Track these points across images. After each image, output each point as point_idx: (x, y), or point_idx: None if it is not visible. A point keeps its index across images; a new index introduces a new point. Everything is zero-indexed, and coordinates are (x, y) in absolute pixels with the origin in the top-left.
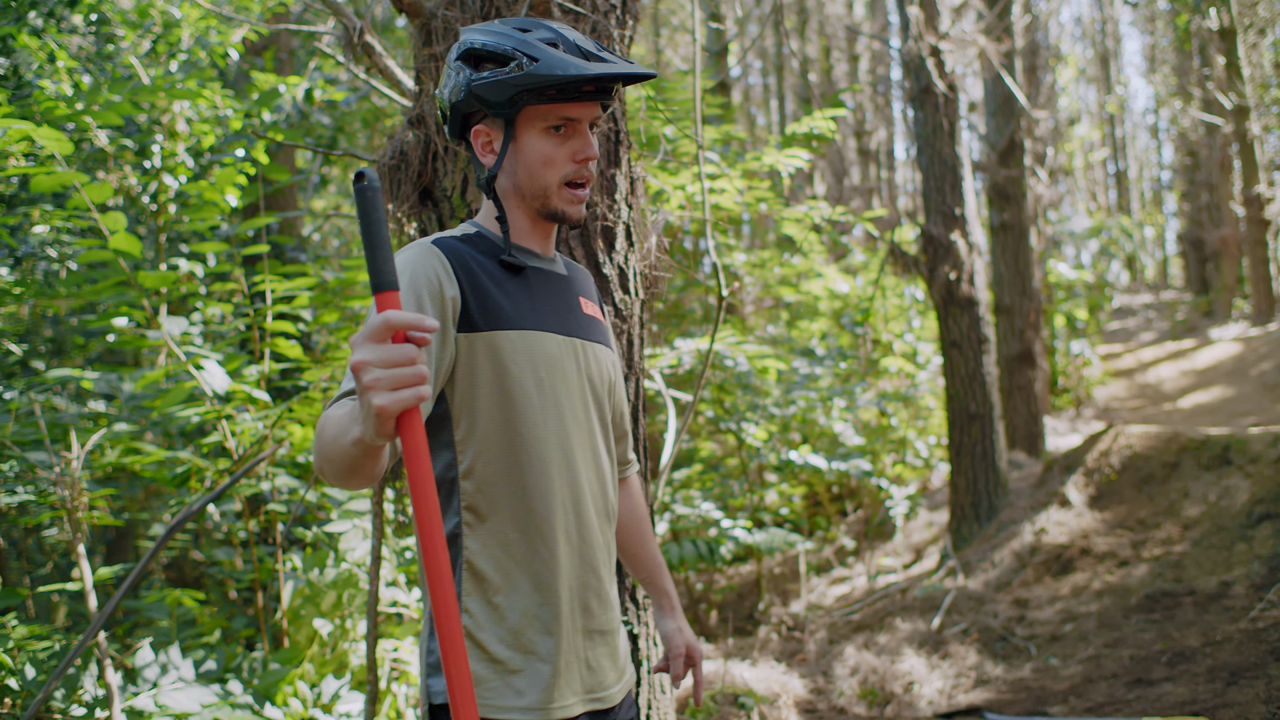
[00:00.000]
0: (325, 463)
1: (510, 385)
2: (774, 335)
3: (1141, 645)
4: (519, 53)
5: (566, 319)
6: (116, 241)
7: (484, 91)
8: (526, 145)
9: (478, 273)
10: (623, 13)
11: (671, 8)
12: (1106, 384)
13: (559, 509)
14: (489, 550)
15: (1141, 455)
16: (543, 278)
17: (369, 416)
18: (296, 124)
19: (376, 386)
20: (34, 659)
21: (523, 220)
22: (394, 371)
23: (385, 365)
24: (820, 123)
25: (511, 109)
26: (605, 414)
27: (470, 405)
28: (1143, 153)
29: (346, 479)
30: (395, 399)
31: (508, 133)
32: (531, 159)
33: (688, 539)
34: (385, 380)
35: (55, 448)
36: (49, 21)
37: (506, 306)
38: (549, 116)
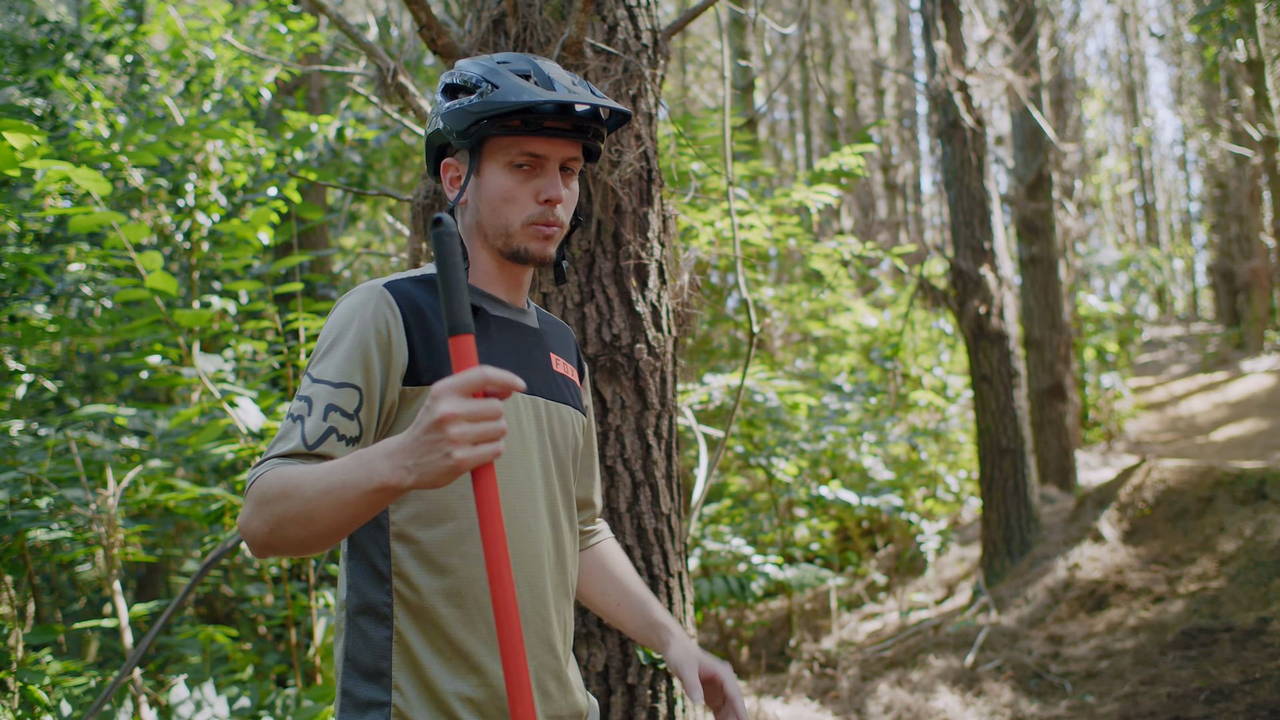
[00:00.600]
0: (306, 520)
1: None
2: (802, 370)
3: (1179, 683)
4: (485, 80)
5: (529, 374)
6: (153, 280)
7: (448, 120)
8: (488, 179)
9: (429, 319)
10: (654, 52)
11: (697, 44)
12: (1138, 417)
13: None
14: (420, 625)
15: (1175, 490)
16: (507, 328)
17: (438, 469)
18: (328, 162)
19: (461, 441)
20: (70, 695)
21: (488, 262)
22: (481, 426)
23: (473, 419)
24: (849, 159)
25: (471, 138)
26: (568, 481)
27: None
28: (1171, 184)
29: (324, 538)
30: (477, 453)
31: (472, 164)
32: (492, 194)
33: (718, 574)
34: (471, 435)
35: (91, 484)
36: (85, 63)
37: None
38: (512, 151)
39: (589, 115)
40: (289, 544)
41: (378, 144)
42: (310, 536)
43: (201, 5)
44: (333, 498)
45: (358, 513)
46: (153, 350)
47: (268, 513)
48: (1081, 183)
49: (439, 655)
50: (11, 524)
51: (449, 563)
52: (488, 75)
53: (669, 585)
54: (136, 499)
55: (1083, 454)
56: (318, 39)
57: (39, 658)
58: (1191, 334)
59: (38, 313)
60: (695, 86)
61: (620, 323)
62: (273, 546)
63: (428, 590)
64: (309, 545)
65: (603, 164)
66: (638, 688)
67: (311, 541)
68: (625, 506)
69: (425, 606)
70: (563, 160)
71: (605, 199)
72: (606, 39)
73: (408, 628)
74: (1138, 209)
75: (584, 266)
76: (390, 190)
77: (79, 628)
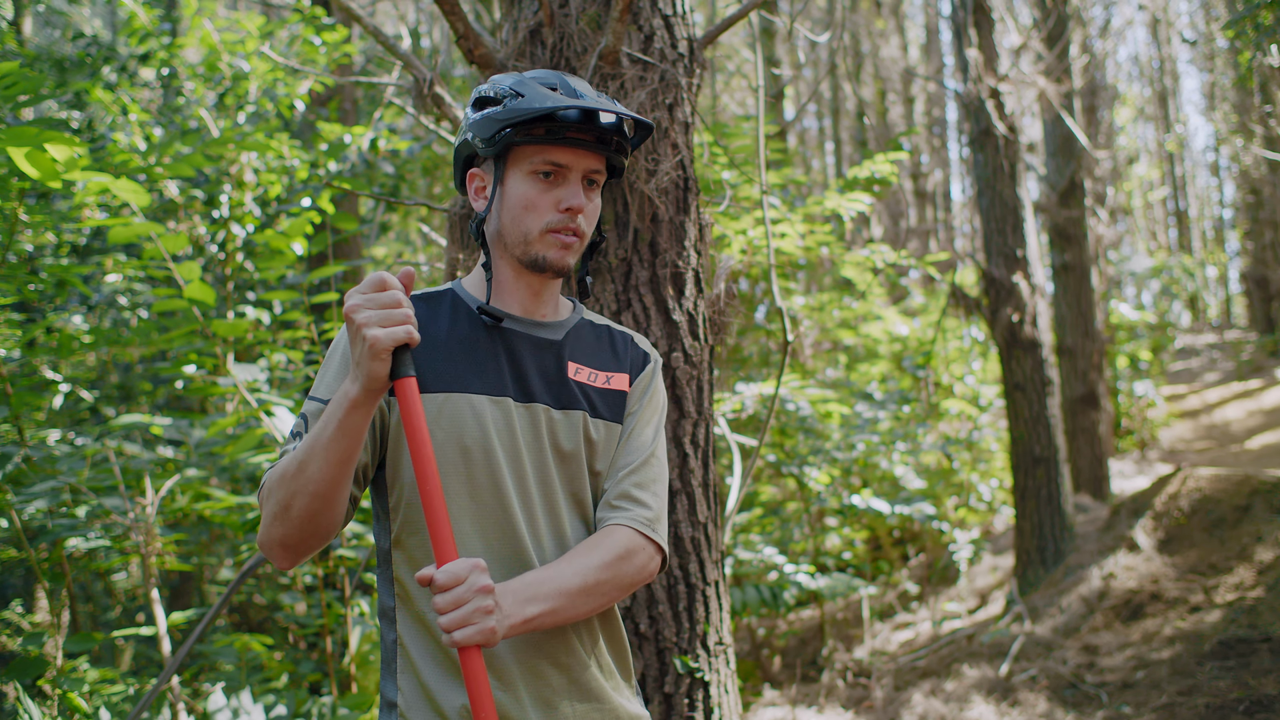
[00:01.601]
0: (302, 476)
1: (437, 451)
2: (834, 379)
3: (1217, 693)
4: (511, 91)
5: (532, 383)
6: (191, 291)
7: (475, 130)
8: (511, 187)
9: (422, 333)
10: (690, 61)
11: (726, 53)
12: (1171, 425)
13: None
14: (412, 631)
15: (1211, 498)
16: (514, 339)
17: (363, 355)
18: (361, 173)
19: (370, 323)
20: (108, 703)
21: (506, 271)
22: (385, 310)
23: (374, 305)
24: (881, 167)
25: (497, 147)
26: (577, 483)
27: (397, 473)
28: (1203, 191)
29: (324, 496)
30: (389, 332)
31: (497, 174)
32: (514, 202)
33: (750, 584)
34: (377, 317)
35: (129, 493)
36: (122, 76)
37: (441, 369)
38: (535, 159)
39: (612, 127)
40: (301, 522)
41: (410, 154)
42: (313, 500)
43: (236, 18)
44: (318, 441)
45: (344, 446)
46: (189, 360)
47: (274, 506)
48: (1114, 189)
49: (435, 663)
50: (51, 533)
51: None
52: (515, 85)
53: (705, 594)
54: (173, 508)
55: (1116, 462)
56: (351, 50)
57: (76, 665)
58: (1225, 341)
59: (75, 323)
60: (725, 96)
61: (657, 331)
62: (289, 542)
63: (419, 596)
64: (319, 515)
65: (640, 173)
66: (674, 697)
67: (319, 510)
68: None
69: (420, 612)
70: (586, 172)
71: (642, 208)
72: (643, 48)
73: (408, 632)
74: (1170, 216)
75: (621, 275)
76: (425, 200)
77: (118, 635)
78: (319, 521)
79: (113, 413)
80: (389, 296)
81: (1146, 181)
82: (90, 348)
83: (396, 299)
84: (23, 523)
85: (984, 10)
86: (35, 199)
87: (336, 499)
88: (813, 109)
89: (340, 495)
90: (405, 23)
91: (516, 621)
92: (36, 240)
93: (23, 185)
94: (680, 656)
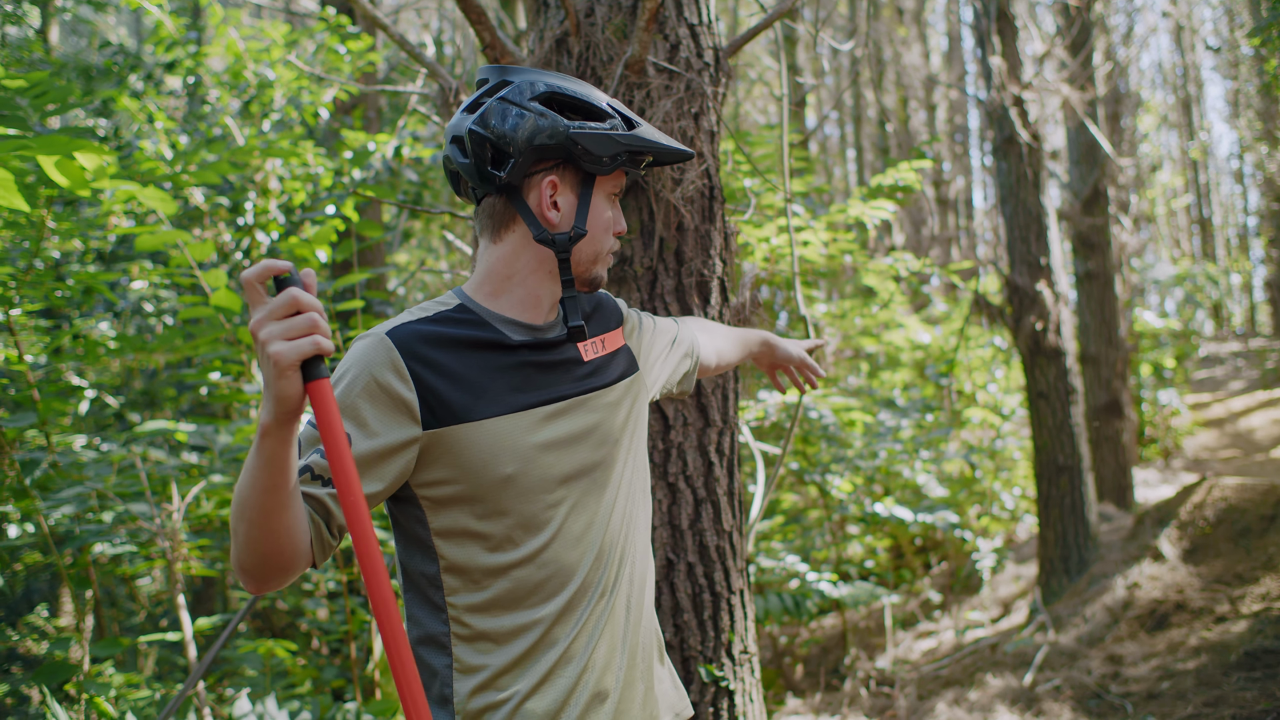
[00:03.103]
0: (241, 510)
1: (487, 476)
2: (856, 386)
3: (1243, 705)
4: (615, 111)
5: (559, 384)
6: (218, 298)
7: (588, 143)
8: (598, 209)
9: (441, 360)
10: (716, 70)
11: (748, 60)
12: (1195, 434)
13: (573, 586)
14: (471, 652)
15: (1237, 508)
16: (531, 351)
17: (269, 374)
18: (385, 180)
19: (272, 339)
20: (134, 708)
21: (540, 286)
22: (286, 322)
23: (276, 318)
24: (905, 174)
25: (604, 167)
26: (635, 456)
27: (446, 498)
28: (1227, 198)
29: (261, 525)
30: (294, 346)
31: (585, 192)
32: (599, 223)
33: (772, 591)
34: (278, 331)
35: (155, 499)
36: (148, 84)
37: (476, 394)
38: (617, 184)
39: None
40: (247, 548)
41: (434, 162)
42: (250, 527)
43: (261, 27)
44: (246, 470)
45: (266, 474)
46: (214, 367)
47: (231, 530)
48: (1137, 197)
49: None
50: (77, 538)
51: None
52: (615, 106)
53: (730, 602)
54: (198, 514)
55: (1140, 471)
56: (375, 58)
57: (102, 670)
58: (1250, 349)
59: (101, 329)
60: (747, 104)
61: None
62: (245, 566)
63: (477, 620)
64: (260, 543)
65: (665, 182)
66: (700, 706)
67: (258, 537)
68: (687, 524)
69: (482, 631)
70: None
71: (668, 216)
72: (669, 57)
73: (467, 655)
74: (1194, 223)
75: (646, 284)
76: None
77: (145, 640)
78: (263, 549)
79: (138, 419)
80: (285, 305)
81: (1170, 189)
82: (116, 354)
83: (294, 306)
84: (50, 528)
85: (1007, 18)
86: (62, 206)
87: (274, 527)
88: (834, 116)
89: (278, 524)
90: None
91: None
92: (64, 247)
93: (50, 193)
94: (705, 665)
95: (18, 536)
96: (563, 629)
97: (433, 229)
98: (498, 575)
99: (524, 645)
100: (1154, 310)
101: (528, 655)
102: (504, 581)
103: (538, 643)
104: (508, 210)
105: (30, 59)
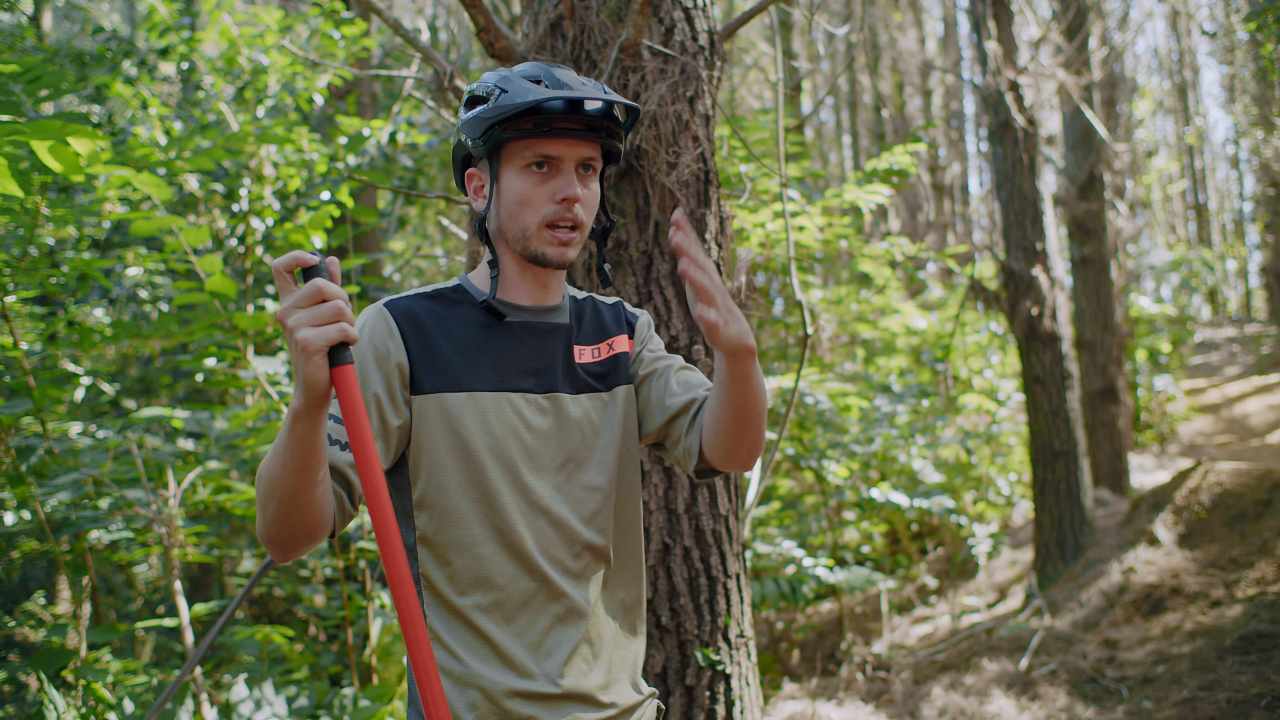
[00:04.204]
0: (271, 486)
1: (460, 449)
2: (852, 372)
3: (1238, 688)
4: (496, 88)
5: (545, 373)
6: (213, 284)
7: (466, 129)
8: (506, 184)
9: (432, 332)
10: (710, 54)
11: (743, 46)
12: (1191, 420)
13: (514, 574)
14: (444, 622)
15: (1232, 493)
16: (525, 331)
17: (299, 360)
18: (380, 166)
19: (299, 325)
20: (132, 694)
21: (511, 266)
22: (313, 310)
23: (303, 305)
24: (900, 158)
25: (489, 145)
26: (591, 464)
27: (419, 469)
28: (1223, 184)
29: (291, 501)
30: (320, 332)
31: (492, 171)
32: (509, 198)
33: (768, 577)
34: (305, 318)
35: (151, 486)
36: (142, 70)
37: (459, 367)
38: (526, 153)
39: (600, 113)
40: (275, 523)
41: (429, 148)
42: (280, 504)
43: (255, 12)
44: (276, 451)
45: (296, 456)
46: (209, 353)
47: (258, 503)
48: (1133, 183)
49: (469, 649)
50: (74, 525)
51: (461, 564)
52: (499, 82)
53: (726, 587)
54: (194, 500)
55: (1135, 457)
56: (369, 44)
57: (99, 656)
58: (1245, 335)
59: (96, 316)
60: (742, 89)
61: (678, 324)
62: (273, 538)
63: (448, 590)
64: (289, 518)
65: (661, 165)
66: (696, 689)
67: (287, 513)
68: (684, 508)
69: (453, 604)
70: (580, 160)
71: (663, 200)
72: (664, 41)
73: (440, 624)
74: (1189, 209)
75: (642, 268)
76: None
77: (142, 627)
78: (292, 523)
79: (133, 405)
80: (313, 293)
81: (1166, 174)
82: (111, 341)
83: (321, 294)
84: (46, 515)
85: (1003, 2)
86: (57, 193)
87: (303, 503)
88: (830, 102)
89: (306, 500)
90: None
91: None
92: (58, 234)
93: (44, 179)
94: (702, 649)
95: (14, 523)
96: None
97: (428, 215)
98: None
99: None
100: (1149, 296)
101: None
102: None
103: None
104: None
105: (23, 45)
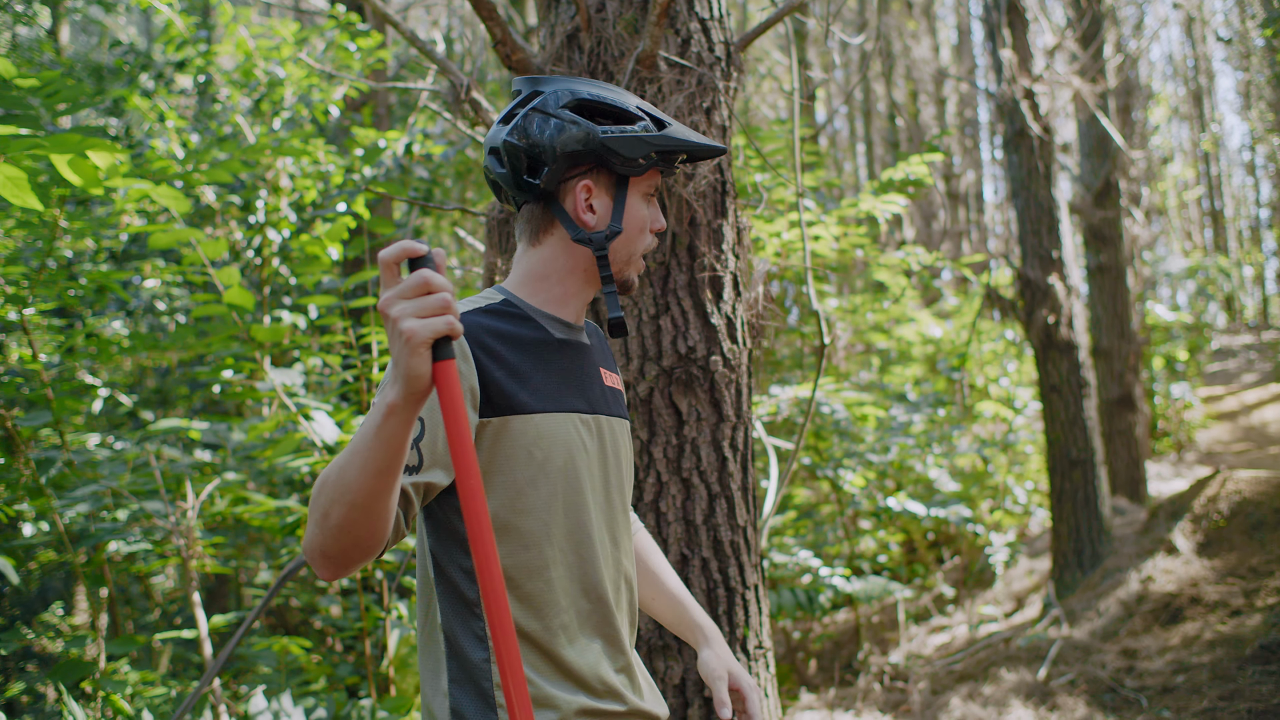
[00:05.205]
0: (343, 489)
1: (536, 471)
2: (868, 381)
3: (1259, 698)
4: (644, 113)
5: (590, 394)
6: (231, 296)
7: (618, 146)
8: (633, 209)
9: (500, 351)
10: (727, 65)
11: (757, 55)
12: (1209, 427)
13: (573, 595)
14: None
15: (1252, 501)
16: (571, 350)
17: (401, 351)
18: (396, 178)
19: (404, 316)
20: (150, 705)
21: (577, 285)
22: (419, 301)
23: (409, 297)
24: (916, 168)
25: (637, 168)
26: (625, 492)
27: (490, 492)
28: (1239, 190)
29: (365, 508)
30: (426, 323)
31: (619, 193)
32: (634, 223)
33: (785, 587)
34: (411, 309)
35: (169, 497)
36: (159, 83)
37: (530, 387)
38: (649, 184)
39: None
40: (339, 532)
41: (445, 159)
42: (350, 510)
43: (271, 25)
44: (357, 449)
45: (381, 456)
46: (227, 364)
47: (317, 512)
48: (1149, 190)
49: (545, 673)
50: (92, 536)
51: (533, 588)
52: (644, 108)
53: (745, 598)
54: (212, 511)
55: (1153, 465)
56: (385, 56)
57: (117, 668)
58: (1262, 342)
59: (114, 328)
60: (756, 98)
61: (695, 335)
62: (329, 552)
63: (515, 613)
64: (357, 526)
65: (678, 176)
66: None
67: (356, 520)
68: (701, 519)
69: (523, 631)
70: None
71: (680, 211)
72: (680, 52)
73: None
74: (1205, 215)
75: (659, 279)
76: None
77: (160, 638)
78: (358, 532)
79: (151, 417)
80: (420, 284)
81: (1181, 181)
82: (129, 352)
83: (427, 285)
84: (65, 526)
85: (1017, 10)
86: (75, 205)
87: (376, 511)
88: (844, 111)
89: (381, 508)
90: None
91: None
92: (76, 246)
93: (63, 192)
94: None
95: (33, 535)
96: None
97: (444, 226)
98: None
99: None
100: (1166, 303)
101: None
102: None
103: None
104: (545, 215)
105: (41, 59)
